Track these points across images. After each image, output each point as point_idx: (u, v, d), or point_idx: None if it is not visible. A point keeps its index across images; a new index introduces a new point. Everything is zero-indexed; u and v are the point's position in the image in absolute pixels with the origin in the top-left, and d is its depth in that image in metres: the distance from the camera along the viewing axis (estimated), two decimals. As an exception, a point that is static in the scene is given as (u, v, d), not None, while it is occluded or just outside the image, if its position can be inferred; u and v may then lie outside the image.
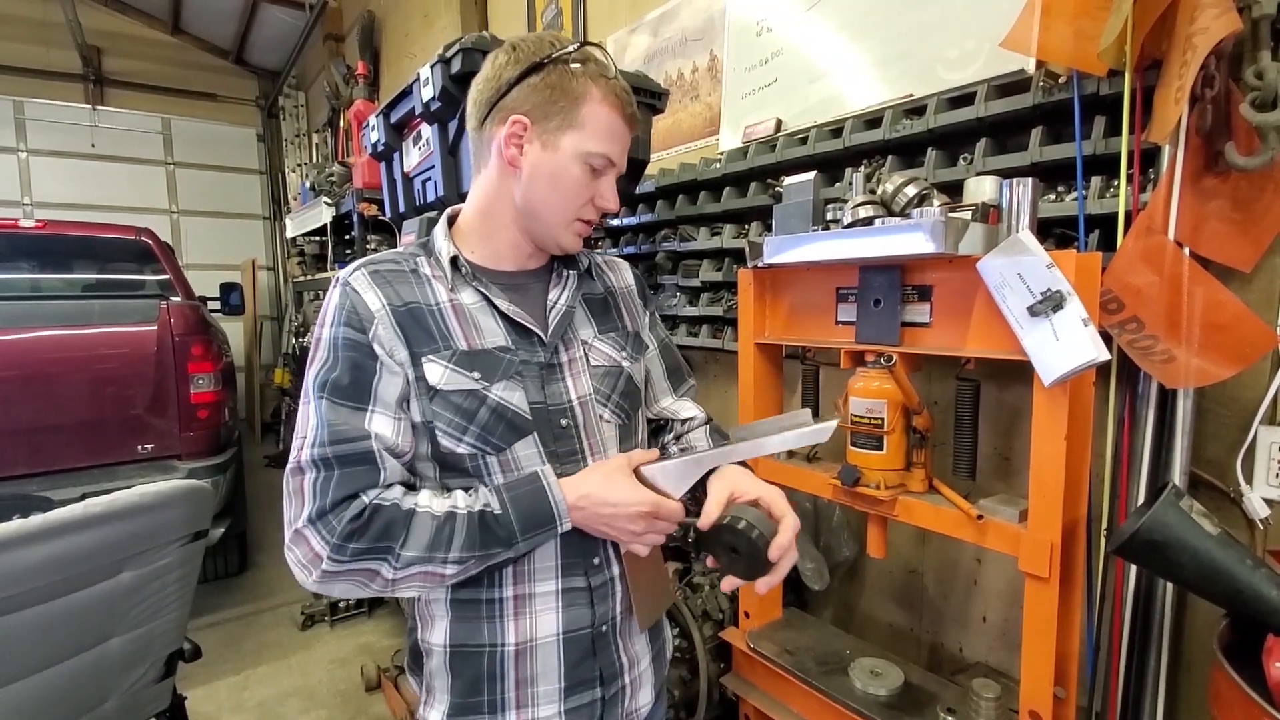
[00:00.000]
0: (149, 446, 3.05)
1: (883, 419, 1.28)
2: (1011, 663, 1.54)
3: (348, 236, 3.80)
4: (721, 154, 2.17)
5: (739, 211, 2.04)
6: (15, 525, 1.19)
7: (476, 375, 0.82)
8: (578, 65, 0.83)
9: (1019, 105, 1.36)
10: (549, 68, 0.83)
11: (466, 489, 0.81)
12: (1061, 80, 1.29)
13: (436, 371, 0.80)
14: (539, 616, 0.85)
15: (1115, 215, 1.20)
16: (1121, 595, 1.26)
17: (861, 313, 1.34)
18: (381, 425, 0.78)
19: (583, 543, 0.86)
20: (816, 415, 1.63)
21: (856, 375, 1.34)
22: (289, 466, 0.78)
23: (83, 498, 1.29)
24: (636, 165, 2.00)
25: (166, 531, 1.41)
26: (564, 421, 0.86)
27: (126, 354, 3.01)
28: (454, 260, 0.87)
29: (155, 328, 3.06)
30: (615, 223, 2.57)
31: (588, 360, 0.91)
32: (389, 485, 0.78)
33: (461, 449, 0.82)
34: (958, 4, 1.55)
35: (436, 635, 0.87)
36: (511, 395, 0.82)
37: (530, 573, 0.85)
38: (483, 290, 0.87)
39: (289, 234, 4.76)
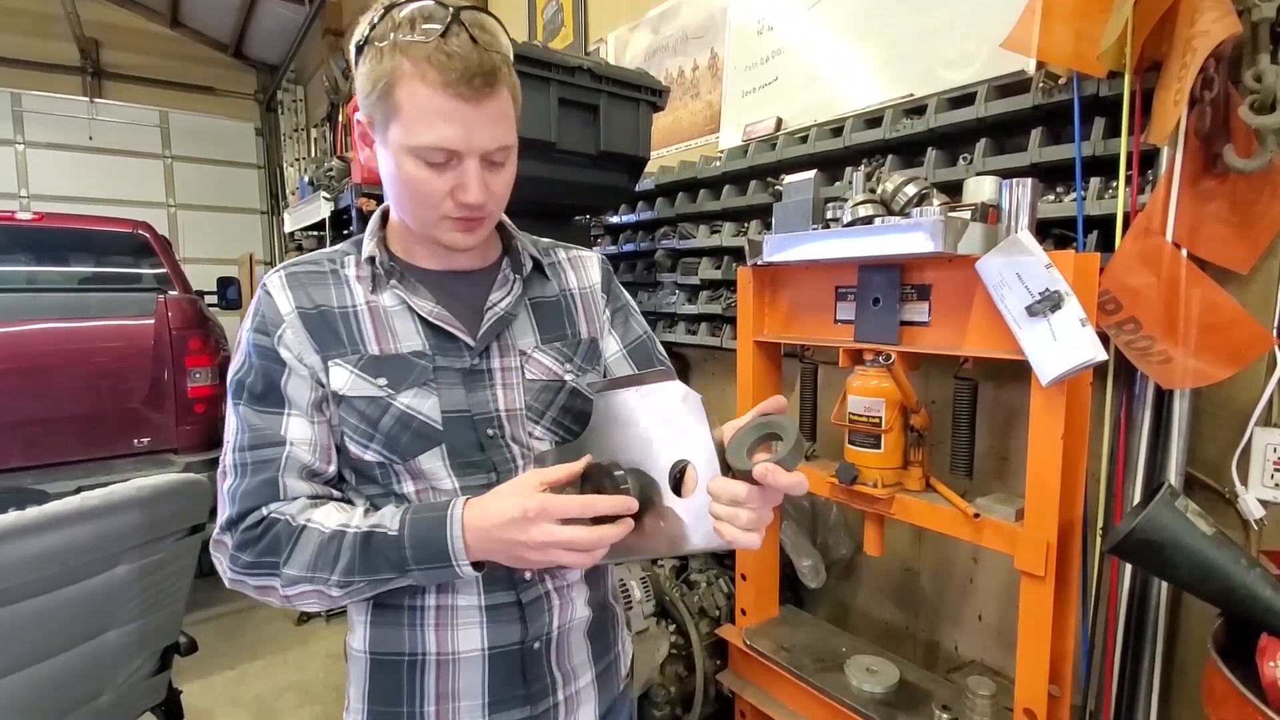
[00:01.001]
0: (146, 440, 3.05)
1: (880, 417, 1.29)
2: (1007, 661, 1.55)
3: (346, 231, 3.78)
4: (722, 152, 2.17)
5: (739, 210, 2.04)
6: (11, 518, 1.19)
7: (382, 382, 0.77)
8: (390, 38, 0.69)
9: (1019, 106, 1.36)
10: (367, 50, 0.71)
11: (381, 498, 0.79)
12: (1061, 81, 1.29)
13: (341, 376, 0.77)
14: (461, 630, 0.80)
15: (1114, 216, 1.20)
16: (1116, 594, 1.27)
17: (860, 311, 1.34)
18: (298, 429, 0.76)
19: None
20: (815, 417, 1.64)
21: (855, 374, 1.35)
22: (218, 470, 0.78)
23: (79, 491, 1.30)
24: (636, 162, 2.00)
25: (163, 525, 1.41)
26: (490, 432, 0.80)
27: (123, 347, 3.01)
28: (371, 260, 0.81)
29: (153, 321, 3.05)
30: (615, 220, 2.57)
31: (523, 372, 0.83)
32: (293, 497, 0.75)
33: (369, 456, 0.78)
34: (959, 5, 1.55)
35: (357, 640, 0.84)
36: (421, 403, 0.77)
37: (451, 584, 0.79)
38: (402, 294, 0.80)
39: (287, 229, 4.74)
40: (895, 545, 1.78)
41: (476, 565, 0.71)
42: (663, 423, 0.69)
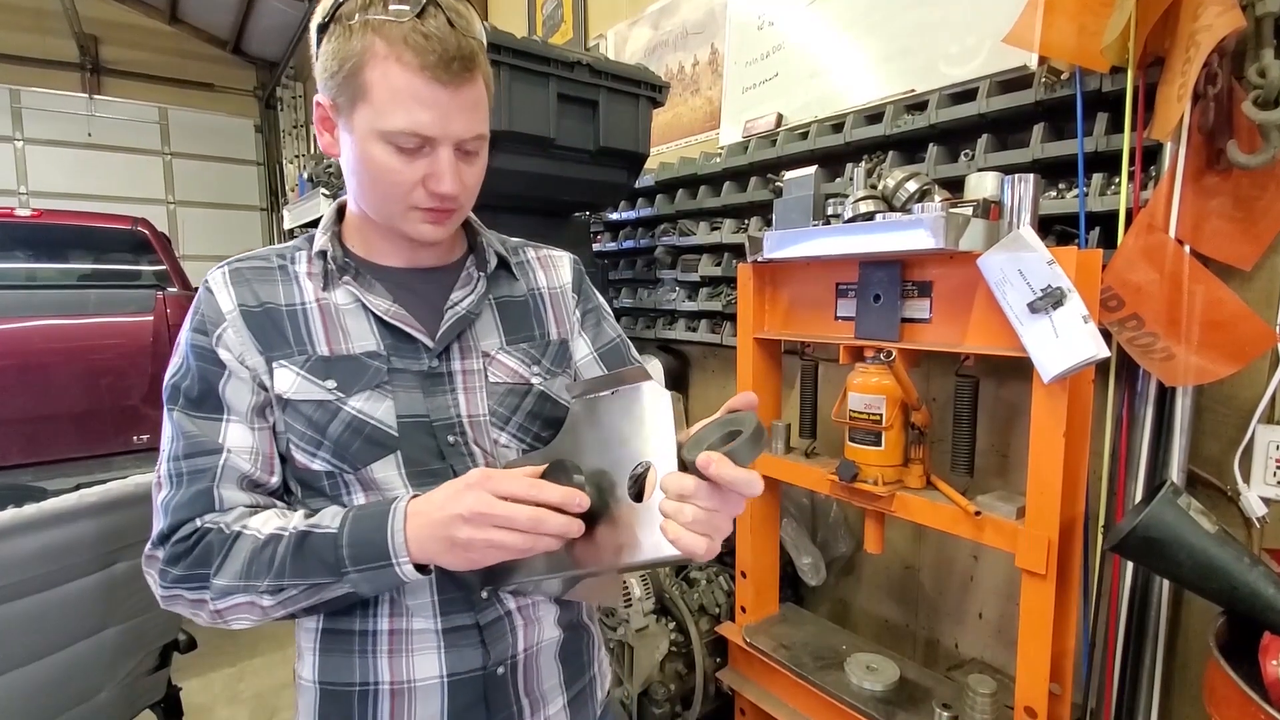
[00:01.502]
0: (145, 437, 3.05)
1: (881, 415, 1.28)
2: (1007, 659, 1.54)
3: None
4: (722, 148, 2.17)
5: (739, 206, 2.04)
6: (9, 514, 1.19)
7: (331, 384, 0.72)
8: (359, 16, 0.65)
9: (1021, 101, 1.35)
10: (333, 28, 0.67)
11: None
12: (1064, 76, 1.28)
13: (287, 378, 0.71)
14: (417, 656, 0.75)
15: (1116, 212, 1.20)
16: (1118, 592, 1.26)
17: (861, 308, 1.34)
18: (238, 436, 0.71)
19: (464, 575, 0.74)
20: (816, 414, 1.64)
21: (855, 371, 1.34)
22: (153, 482, 0.73)
23: (78, 488, 1.29)
24: (636, 158, 1.99)
25: (162, 522, 1.41)
26: (451, 439, 0.75)
27: (122, 344, 3.01)
28: (322, 255, 0.76)
29: (151, 318, 3.05)
30: (615, 216, 2.56)
31: (486, 375, 0.78)
32: (230, 508, 0.70)
33: (316, 465, 0.72)
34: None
35: (306, 669, 0.78)
36: (374, 408, 0.72)
37: (404, 607, 0.74)
38: (355, 291, 0.76)
39: (286, 225, 4.74)
40: (896, 543, 1.77)
41: (422, 569, 0.64)
42: (634, 424, 0.64)
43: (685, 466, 0.57)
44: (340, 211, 0.82)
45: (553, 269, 0.91)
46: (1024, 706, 1.14)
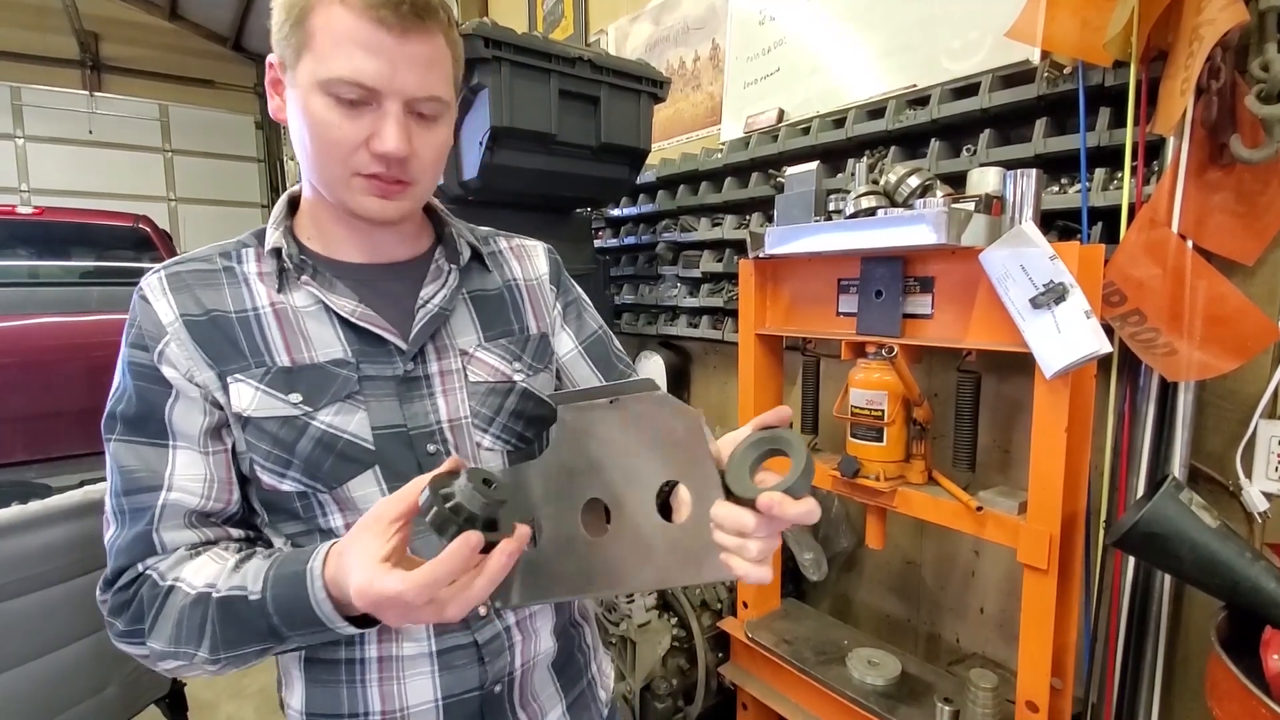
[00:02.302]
0: (148, 434, 3.05)
1: (883, 410, 1.28)
2: (1008, 654, 1.55)
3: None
4: (723, 144, 2.16)
5: (740, 202, 2.04)
6: (14, 511, 1.19)
7: (296, 398, 0.65)
8: None
9: (1023, 96, 1.35)
10: None
11: (304, 536, 0.67)
12: (1066, 71, 1.28)
13: (246, 394, 0.64)
14: (409, 682, 0.70)
15: (1119, 207, 1.19)
16: (1119, 587, 1.27)
17: (863, 304, 1.33)
18: (185, 465, 0.64)
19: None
20: (817, 410, 1.64)
21: (857, 367, 1.34)
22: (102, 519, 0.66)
23: (82, 485, 1.30)
24: (637, 154, 1.99)
25: (166, 519, 1.42)
26: (431, 448, 0.69)
27: (125, 342, 3.01)
28: (276, 252, 0.69)
29: (154, 315, 3.05)
30: (616, 213, 2.56)
31: (465, 374, 0.73)
32: (173, 549, 0.63)
33: (286, 486, 0.65)
34: (963, -7, 1.54)
35: (294, 698, 0.73)
36: (345, 421, 0.66)
37: (396, 632, 0.69)
38: (316, 291, 0.68)
39: (288, 222, 4.74)
40: (897, 538, 1.78)
41: (363, 621, 0.57)
42: (651, 440, 0.60)
43: (729, 494, 0.55)
44: (292, 204, 0.74)
45: (527, 259, 0.85)
46: (1025, 701, 1.14)
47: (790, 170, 1.46)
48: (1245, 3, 1.00)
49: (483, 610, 0.72)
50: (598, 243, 2.60)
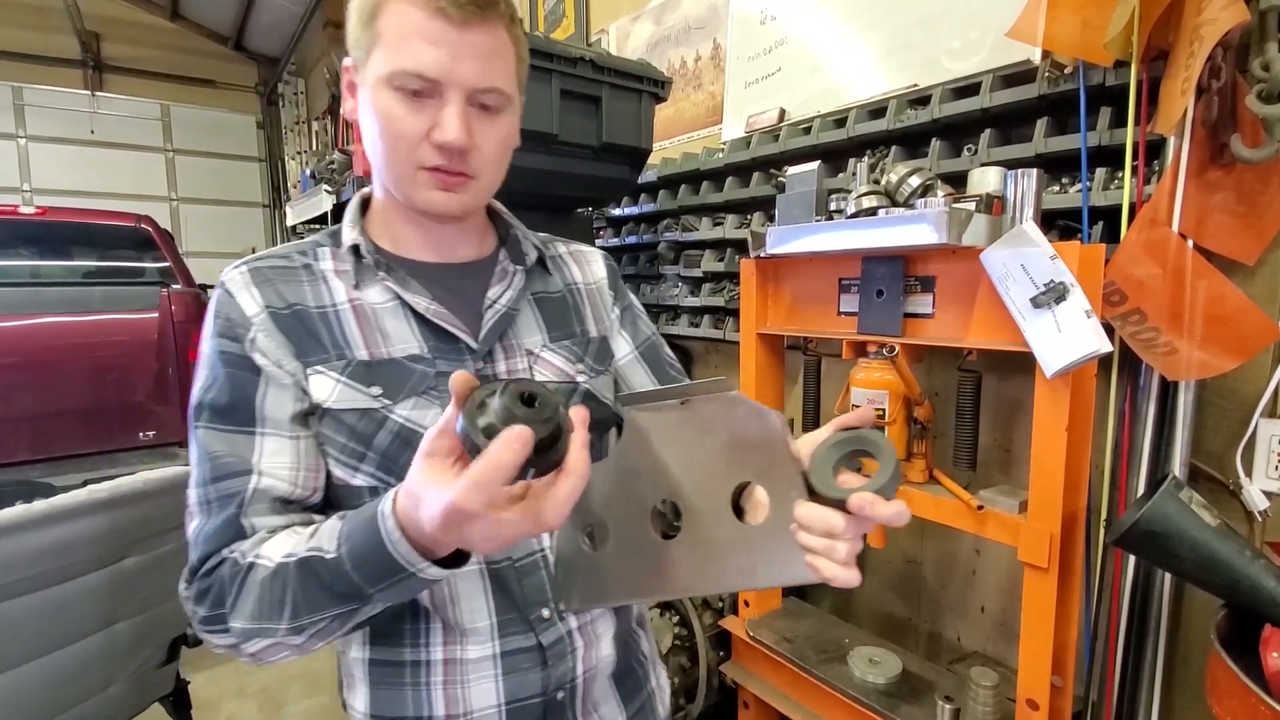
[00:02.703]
0: (151, 433, 3.07)
1: (884, 410, 1.29)
2: (1009, 652, 1.55)
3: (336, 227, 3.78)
4: (724, 143, 2.17)
5: (741, 202, 2.04)
6: (20, 510, 1.20)
7: (376, 390, 0.66)
8: None
9: (1024, 96, 1.35)
10: None
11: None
12: (1067, 71, 1.28)
13: (326, 386, 0.65)
14: (473, 686, 0.70)
15: (1119, 207, 1.20)
16: (1120, 586, 1.27)
17: (864, 303, 1.34)
18: (276, 451, 0.65)
19: (523, 592, 0.70)
20: (819, 409, 1.64)
21: (858, 366, 1.35)
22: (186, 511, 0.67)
23: (85, 484, 1.30)
24: (639, 154, 1.99)
25: (170, 518, 1.42)
26: None
27: (128, 341, 3.02)
28: (355, 249, 0.71)
29: (156, 315, 3.06)
30: (617, 212, 2.56)
31: (532, 374, 0.74)
32: (253, 533, 0.63)
33: (358, 480, 0.67)
34: (964, -7, 1.54)
35: (358, 700, 0.73)
36: (422, 415, 0.67)
37: (461, 634, 0.69)
38: (393, 286, 0.70)
39: (289, 222, 4.75)
40: (898, 537, 1.78)
41: (451, 560, 0.55)
42: (725, 440, 0.58)
43: (813, 494, 0.55)
44: (364, 205, 0.77)
45: (586, 264, 0.88)
46: (1026, 699, 1.14)
47: (791, 170, 1.46)
48: (1246, 2, 1.00)
49: (545, 612, 0.72)
50: (599, 242, 2.60)
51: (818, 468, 0.55)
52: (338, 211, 3.79)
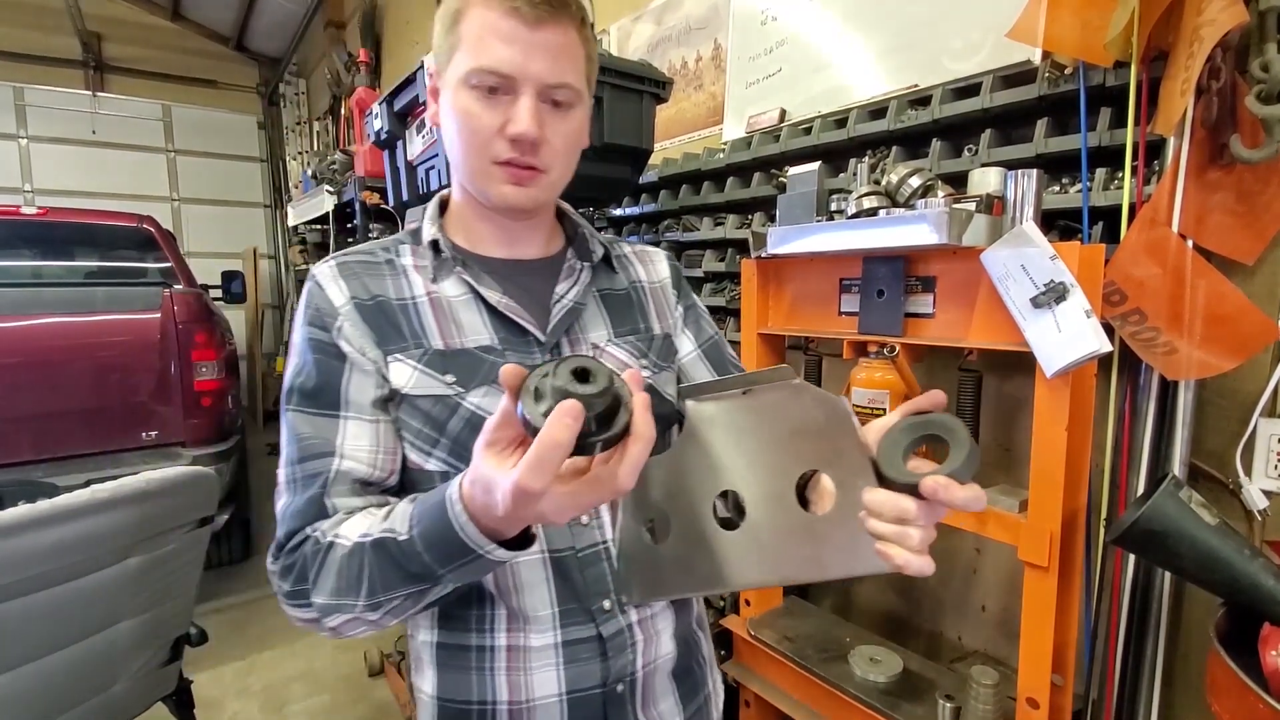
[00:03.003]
0: (153, 433, 3.07)
1: (885, 409, 1.29)
2: (1010, 651, 1.55)
3: (350, 225, 3.80)
4: (725, 144, 2.17)
5: (742, 202, 2.04)
6: (23, 510, 1.20)
7: (450, 379, 0.70)
8: None
9: (1024, 96, 1.35)
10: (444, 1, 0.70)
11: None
12: (1067, 71, 1.28)
13: (404, 373, 0.70)
14: (535, 674, 0.72)
15: (1119, 207, 1.20)
16: (1120, 585, 1.27)
17: (864, 303, 1.34)
18: (357, 434, 0.69)
19: (584, 584, 0.73)
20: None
21: (859, 366, 1.35)
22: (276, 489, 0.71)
23: (88, 484, 1.31)
24: (640, 154, 1.99)
25: (173, 517, 1.43)
26: None
27: (130, 341, 3.02)
28: (434, 244, 0.76)
29: (159, 315, 3.07)
30: (618, 213, 2.57)
31: None
32: (334, 512, 0.67)
33: (431, 465, 0.70)
34: (964, -7, 1.54)
35: (425, 683, 0.76)
36: (492, 403, 0.69)
37: (524, 622, 0.72)
38: (469, 279, 0.74)
39: (291, 222, 4.76)
40: (899, 536, 1.78)
41: (517, 542, 0.57)
42: (788, 429, 0.58)
43: (882, 481, 0.54)
44: (442, 206, 0.82)
45: (650, 264, 0.91)
46: (1026, 697, 1.15)
47: (792, 170, 1.47)
48: (1245, 3, 1.00)
49: (606, 604, 0.74)
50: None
51: (887, 453, 0.54)
52: (339, 212, 3.80)
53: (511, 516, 0.51)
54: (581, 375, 0.48)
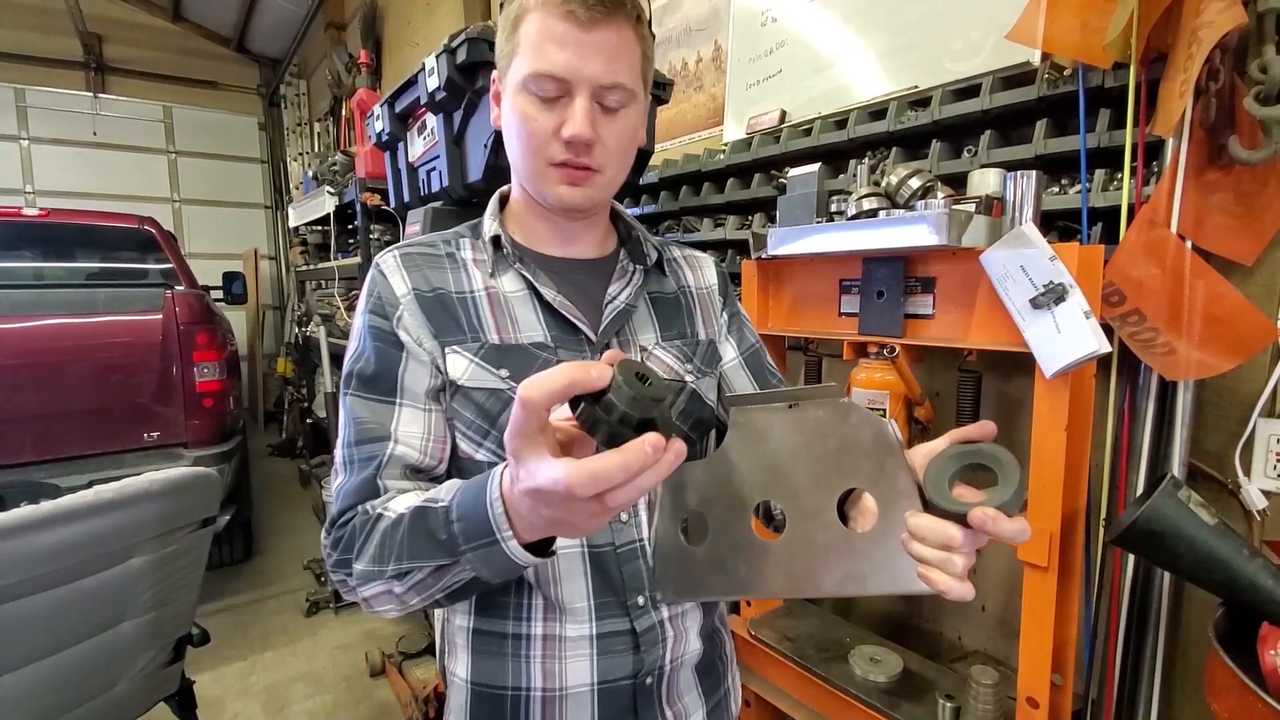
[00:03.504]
0: (155, 434, 3.07)
1: (885, 409, 1.29)
2: (1010, 651, 1.56)
3: (350, 226, 3.80)
4: (725, 145, 2.17)
5: (743, 203, 2.05)
6: (27, 511, 1.21)
7: (505, 373, 0.72)
8: None
9: (1024, 97, 1.36)
10: (506, 4, 0.71)
11: None
12: (1067, 72, 1.29)
13: (460, 365, 0.72)
14: (569, 663, 0.74)
15: (1118, 208, 1.20)
16: (1119, 584, 1.28)
17: (864, 304, 1.35)
18: (410, 421, 0.71)
19: (621, 578, 0.75)
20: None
21: (859, 366, 1.35)
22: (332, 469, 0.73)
23: (90, 485, 1.31)
24: (641, 155, 2.00)
25: (176, 518, 1.43)
26: None
27: (132, 342, 3.03)
28: (495, 240, 0.77)
29: (160, 316, 3.07)
30: (619, 213, 2.57)
31: None
32: (386, 493, 0.69)
33: (480, 455, 0.72)
34: (963, -5, 1.55)
35: (460, 667, 0.78)
36: None
37: (561, 612, 0.74)
38: (527, 275, 0.76)
39: (291, 223, 4.77)
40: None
41: (538, 548, 0.56)
42: (834, 446, 0.58)
43: (927, 506, 0.54)
44: (502, 202, 0.83)
45: (699, 269, 0.92)
46: (1026, 697, 1.15)
47: (792, 171, 1.47)
48: (1244, 5, 1.01)
49: (640, 599, 0.76)
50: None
51: (933, 479, 0.55)
52: (340, 213, 3.81)
53: (530, 505, 0.49)
54: (643, 378, 0.46)
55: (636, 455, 0.44)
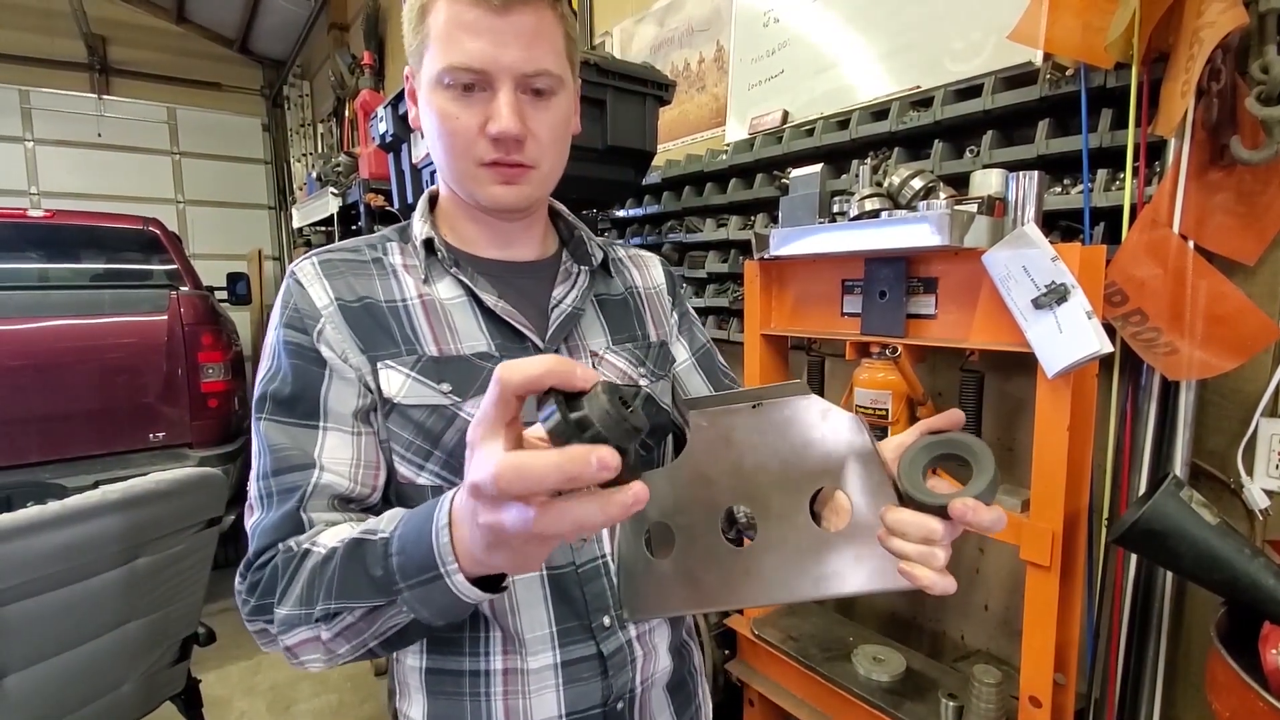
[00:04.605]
0: (160, 435, 3.09)
1: (887, 410, 1.30)
2: (1012, 650, 1.56)
3: (354, 227, 3.81)
4: (728, 145, 2.18)
5: (745, 203, 2.05)
6: (34, 511, 1.22)
7: (447, 387, 0.65)
8: None
9: (1026, 98, 1.36)
10: None
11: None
12: (1068, 73, 1.29)
13: (396, 380, 0.64)
14: (534, 698, 0.68)
15: (1120, 208, 1.20)
16: (1122, 584, 1.28)
17: (867, 304, 1.35)
18: (336, 446, 0.63)
19: (584, 599, 0.69)
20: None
21: (862, 366, 1.36)
22: (246, 505, 0.65)
23: (96, 485, 1.32)
24: (642, 157, 2.00)
25: (182, 518, 1.44)
26: None
27: (137, 343, 3.04)
28: (428, 243, 0.70)
29: (165, 317, 3.09)
30: (621, 214, 2.58)
31: None
32: (312, 528, 0.61)
33: (422, 479, 0.65)
34: (965, -5, 1.55)
35: (414, 710, 0.71)
36: None
37: (520, 644, 0.68)
38: (465, 280, 0.69)
39: (295, 224, 4.78)
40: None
41: (487, 584, 0.49)
42: (801, 444, 0.56)
43: (904, 500, 0.53)
44: (432, 202, 0.77)
45: (645, 269, 0.88)
46: (1029, 696, 1.15)
47: (795, 172, 1.47)
48: (1245, 5, 1.01)
49: (606, 620, 0.71)
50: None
51: (908, 473, 0.53)
52: (344, 213, 3.82)
53: (464, 501, 0.44)
54: (624, 403, 0.41)
55: (575, 460, 0.36)
